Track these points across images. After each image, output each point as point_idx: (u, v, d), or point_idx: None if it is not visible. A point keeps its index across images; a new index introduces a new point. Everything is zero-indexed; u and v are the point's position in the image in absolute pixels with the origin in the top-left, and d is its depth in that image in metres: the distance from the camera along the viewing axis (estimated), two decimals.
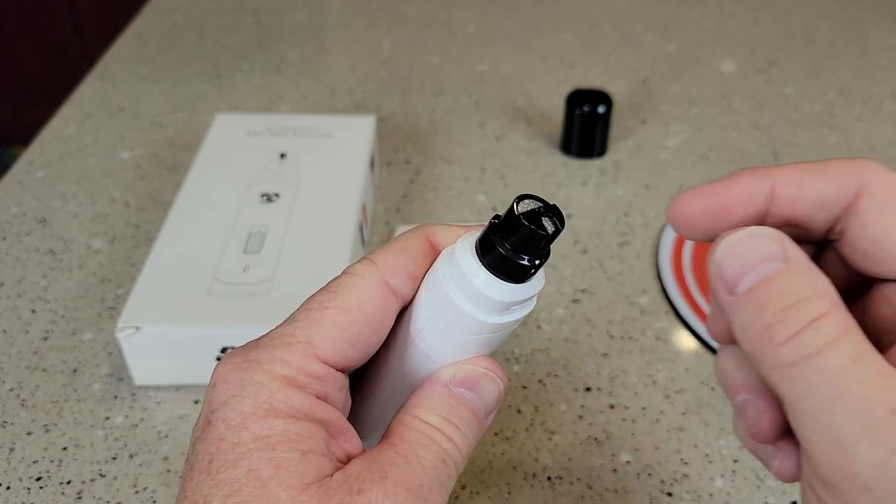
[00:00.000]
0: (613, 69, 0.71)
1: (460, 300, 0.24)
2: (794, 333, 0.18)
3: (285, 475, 0.21)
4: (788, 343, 0.18)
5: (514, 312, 0.24)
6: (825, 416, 0.18)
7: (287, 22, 0.80)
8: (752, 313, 0.19)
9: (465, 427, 0.24)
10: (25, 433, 0.40)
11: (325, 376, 0.23)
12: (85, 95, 0.68)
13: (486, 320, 0.24)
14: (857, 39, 0.76)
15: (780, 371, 0.19)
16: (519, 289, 0.23)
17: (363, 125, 0.54)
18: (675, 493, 0.37)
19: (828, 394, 0.18)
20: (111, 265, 0.50)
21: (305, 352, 0.23)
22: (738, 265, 0.20)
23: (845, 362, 0.18)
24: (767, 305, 0.19)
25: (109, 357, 0.44)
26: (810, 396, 0.18)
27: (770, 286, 0.19)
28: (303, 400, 0.22)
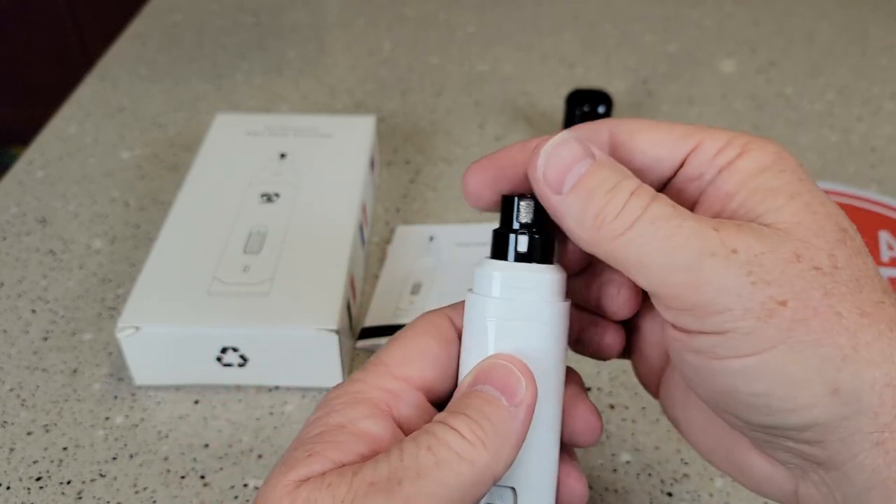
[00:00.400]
0: (613, 69, 0.71)
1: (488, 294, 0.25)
2: (623, 205, 0.22)
3: (285, 470, 0.22)
4: (620, 215, 0.22)
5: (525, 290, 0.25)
6: (670, 251, 0.21)
7: (287, 22, 0.80)
8: (582, 204, 0.23)
9: (476, 413, 0.23)
10: (25, 433, 0.40)
11: (401, 392, 0.25)
12: (85, 95, 0.68)
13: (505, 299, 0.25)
14: (857, 39, 0.76)
15: (620, 239, 0.22)
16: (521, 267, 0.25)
17: (363, 125, 0.54)
18: (675, 493, 0.37)
19: (663, 235, 0.21)
20: (111, 265, 0.50)
21: (380, 371, 0.25)
22: (558, 167, 0.23)
23: (668, 209, 0.22)
24: (594, 193, 0.22)
25: (109, 357, 0.44)
26: (653, 244, 0.22)
27: (591, 178, 0.23)
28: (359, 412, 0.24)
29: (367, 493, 0.21)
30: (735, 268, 0.21)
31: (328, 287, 0.42)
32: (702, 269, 0.21)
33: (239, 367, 0.41)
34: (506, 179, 0.26)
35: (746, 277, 0.21)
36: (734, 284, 0.21)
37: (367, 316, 0.46)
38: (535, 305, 0.25)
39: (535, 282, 0.25)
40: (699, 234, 0.21)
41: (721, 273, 0.21)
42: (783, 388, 0.21)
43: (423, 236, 0.51)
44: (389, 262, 0.50)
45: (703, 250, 0.21)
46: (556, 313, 0.25)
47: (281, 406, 0.41)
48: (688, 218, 0.22)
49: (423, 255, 0.50)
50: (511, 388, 0.24)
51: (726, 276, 0.21)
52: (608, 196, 0.22)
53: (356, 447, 0.23)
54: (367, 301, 0.47)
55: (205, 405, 0.41)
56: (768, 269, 0.21)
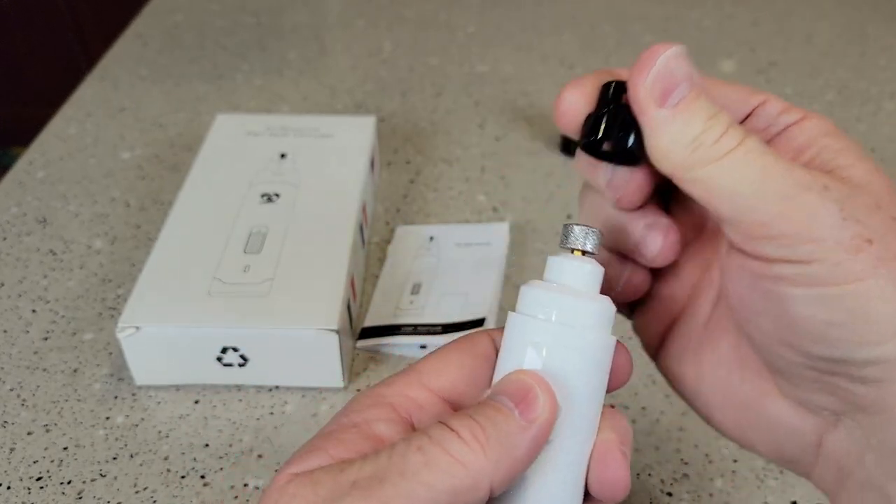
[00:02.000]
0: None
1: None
2: (720, 135, 0.23)
3: (288, 465, 0.22)
4: (718, 143, 0.23)
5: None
6: (765, 181, 0.22)
7: (287, 22, 0.80)
8: (682, 124, 0.23)
9: (483, 419, 0.22)
10: (26, 433, 0.40)
11: (425, 402, 0.24)
12: (85, 96, 0.68)
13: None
14: (857, 40, 0.76)
15: (711, 166, 0.23)
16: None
17: (363, 126, 0.54)
18: (674, 493, 0.37)
19: (761, 165, 0.22)
20: (112, 265, 0.50)
21: (410, 379, 0.25)
22: (668, 80, 0.23)
23: (762, 146, 0.23)
24: (696, 116, 0.23)
25: (110, 357, 0.44)
26: (747, 173, 0.22)
27: (695, 102, 0.23)
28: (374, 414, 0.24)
29: (347, 493, 0.20)
30: (829, 202, 0.22)
31: (328, 287, 0.42)
32: (797, 200, 0.22)
33: (239, 367, 0.41)
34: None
35: (840, 212, 0.22)
36: (828, 216, 0.22)
37: (367, 316, 0.46)
38: (576, 333, 0.24)
39: (583, 310, 0.24)
40: (794, 169, 0.22)
41: (816, 205, 0.22)
42: (860, 322, 0.22)
43: (423, 236, 0.51)
44: (389, 262, 0.50)
45: (799, 183, 0.22)
46: (598, 345, 0.24)
47: (281, 406, 0.41)
48: (780, 157, 0.23)
49: (423, 255, 0.50)
50: (527, 403, 0.23)
51: (821, 208, 0.22)
52: (710, 122, 0.23)
53: (361, 446, 0.23)
54: (367, 301, 0.47)
55: (205, 405, 0.41)
56: (857, 209, 0.22)
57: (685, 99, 0.23)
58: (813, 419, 0.24)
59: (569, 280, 0.24)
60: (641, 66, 0.24)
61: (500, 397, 0.23)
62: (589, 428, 0.24)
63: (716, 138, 0.23)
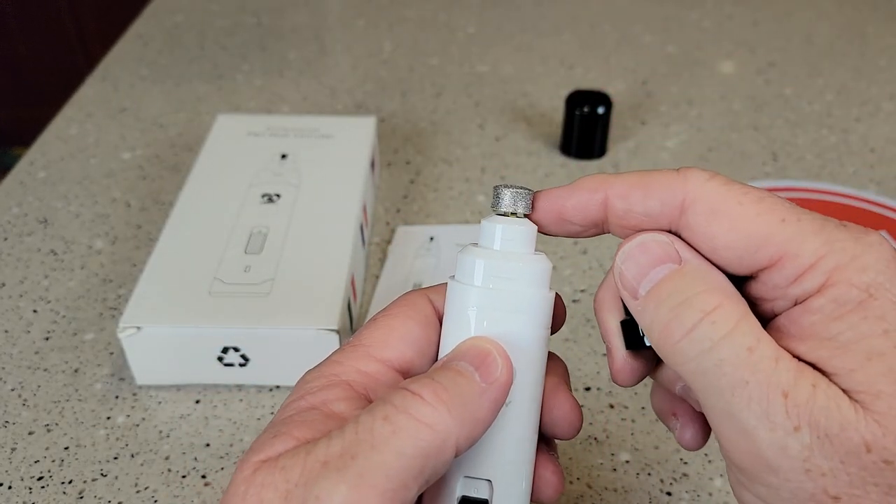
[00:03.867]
0: (613, 70, 0.72)
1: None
2: (689, 329, 0.20)
3: (251, 453, 0.22)
4: (685, 339, 0.20)
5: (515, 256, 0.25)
6: (727, 406, 0.19)
7: (288, 23, 0.80)
8: (652, 313, 0.21)
9: (444, 381, 0.22)
10: (27, 433, 0.40)
11: (378, 374, 0.24)
12: (86, 96, 0.68)
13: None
14: (856, 40, 0.76)
15: (684, 366, 0.20)
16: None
17: (364, 126, 0.54)
18: (674, 493, 0.37)
19: (727, 385, 0.19)
20: (112, 265, 0.50)
21: (359, 353, 0.24)
22: (634, 271, 0.22)
23: (741, 353, 0.19)
24: (662, 304, 0.20)
25: (111, 357, 0.44)
26: (712, 387, 0.20)
27: (664, 286, 0.21)
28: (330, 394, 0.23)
29: (320, 473, 0.20)
30: (792, 451, 0.19)
31: (329, 287, 0.42)
32: (758, 441, 0.19)
33: (240, 366, 0.41)
34: (566, 231, 0.25)
35: (802, 464, 0.19)
36: (786, 468, 0.19)
37: (368, 316, 0.46)
38: (517, 296, 0.24)
39: (518, 272, 0.24)
40: (764, 398, 0.19)
41: (776, 452, 0.19)
42: None
43: (424, 236, 0.51)
44: (390, 262, 0.50)
45: (763, 421, 0.19)
46: (539, 304, 0.24)
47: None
48: (759, 369, 0.19)
49: (424, 255, 0.50)
50: (487, 367, 0.23)
51: (781, 458, 0.19)
52: (675, 312, 0.20)
53: (326, 426, 0.22)
54: (367, 301, 0.47)
55: (206, 405, 0.42)
56: (827, 457, 0.19)
57: (655, 284, 0.21)
58: None
59: (502, 243, 0.25)
60: (615, 258, 0.23)
61: (459, 362, 0.23)
62: (537, 381, 0.25)
63: (683, 332, 0.20)
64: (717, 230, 0.21)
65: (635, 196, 0.23)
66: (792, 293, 0.21)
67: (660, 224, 0.22)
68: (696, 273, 0.21)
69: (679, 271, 0.21)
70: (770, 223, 0.21)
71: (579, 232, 0.24)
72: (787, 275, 0.20)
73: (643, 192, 0.22)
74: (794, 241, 0.20)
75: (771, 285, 0.21)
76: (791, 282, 0.20)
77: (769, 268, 0.21)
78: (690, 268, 0.21)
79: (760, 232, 0.21)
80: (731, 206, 0.21)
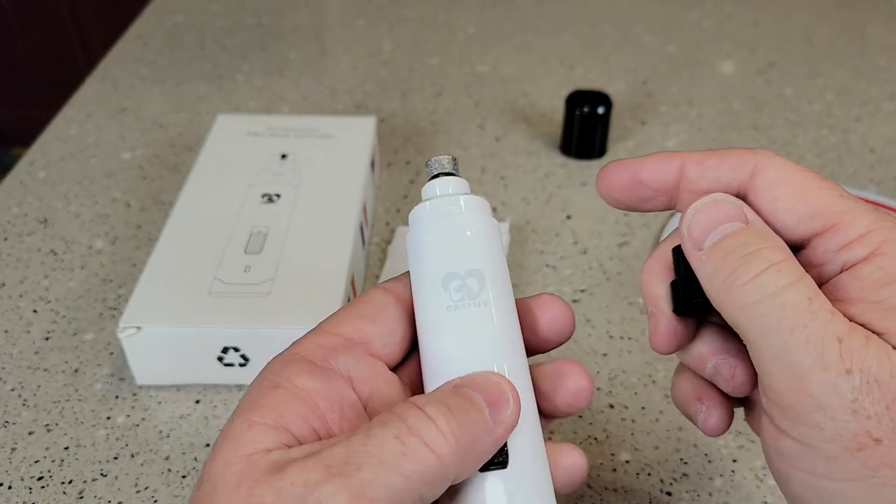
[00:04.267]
0: (613, 70, 0.72)
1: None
2: (756, 274, 0.21)
3: (229, 446, 0.22)
4: (752, 282, 0.21)
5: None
6: (784, 346, 0.21)
7: (288, 23, 0.80)
8: (718, 262, 0.22)
9: (458, 412, 0.22)
10: (27, 433, 0.40)
11: (337, 345, 0.25)
12: (86, 96, 0.68)
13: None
14: (856, 40, 0.76)
15: (744, 310, 0.21)
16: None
17: (364, 126, 0.54)
18: (674, 493, 0.37)
19: (787, 326, 0.21)
20: (112, 265, 0.50)
21: (316, 331, 0.26)
22: (703, 224, 0.23)
23: (802, 300, 0.21)
24: (732, 253, 0.22)
25: (111, 357, 0.44)
26: (771, 328, 0.21)
27: (733, 239, 0.22)
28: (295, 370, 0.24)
29: (323, 477, 0.20)
30: (842, 391, 0.20)
31: (329, 287, 0.42)
32: (809, 380, 0.20)
33: (240, 366, 0.41)
34: (636, 196, 0.26)
35: (850, 405, 0.20)
36: (834, 406, 0.20)
37: None
38: (471, 217, 0.27)
39: (463, 202, 0.27)
40: (821, 341, 0.20)
41: (826, 391, 0.20)
42: None
43: None
44: (390, 262, 0.50)
45: (817, 361, 0.20)
46: (493, 227, 0.27)
47: None
48: (818, 317, 0.21)
49: None
50: (498, 405, 0.23)
51: (830, 396, 0.20)
52: (743, 259, 0.22)
53: (293, 406, 0.23)
54: None
55: (206, 405, 0.42)
56: (875, 401, 0.20)
57: (724, 237, 0.23)
58: None
59: (439, 190, 0.28)
60: (683, 216, 0.24)
61: (474, 393, 0.23)
62: (509, 292, 0.27)
63: (748, 278, 0.21)
64: (780, 193, 0.23)
65: (710, 161, 0.24)
66: (841, 258, 0.22)
67: (729, 189, 0.24)
68: (762, 232, 0.23)
69: (746, 229, 0.22)
70: (830, 196, 0.23)
71: (648, 198, 0.25)
72: (839, 240, 0.22)
73: (717, 159, 0.24)
74: (849, 213, 0.22)
75: (822, 250, 0.23)
76: (841, 247, 0.22)
77: (822, 234, 0.23)
78: (757, 227, 0.23)
79: (820, 200, 0.23)
80: (796, 177, 0.23)
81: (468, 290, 0.26)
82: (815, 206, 0.23)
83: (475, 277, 0.26)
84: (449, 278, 0.26)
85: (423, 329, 0.26)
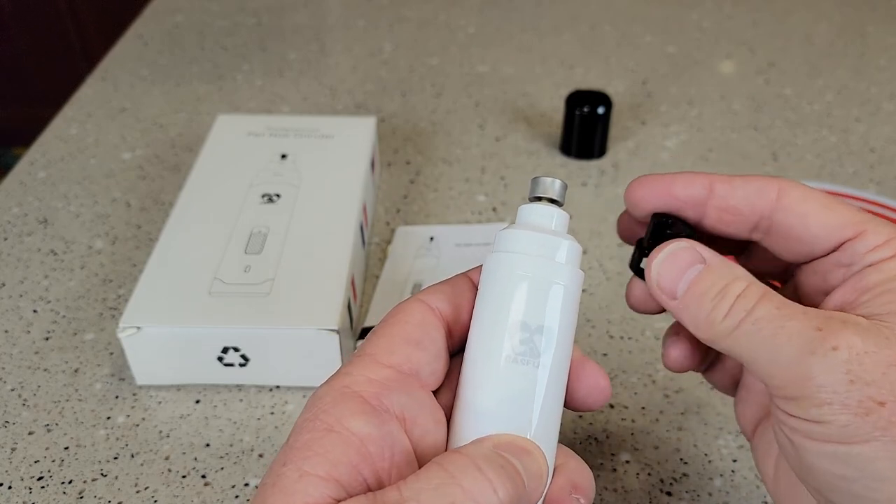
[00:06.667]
0: (613, 70, 0.72)
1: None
2: (729, 308, 0.24)
3: (279, 496, 0.22)
4: (728, 316, 0.24)
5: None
6: (772, 350, 0.23)
7: (288, 23, 0.80)
8: (695, 308, 0.25)
9: (506, 478, 0.23)
10: (27, 433, 0.40)
11: (390, 380, 0.25)
12: (86, 96, 0.68)
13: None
14: (856, 40, 0.76)
15: (729, 338, 0.24)
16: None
17: (364, 126, 0.54)
18: (674, 493, 0.37)
19: (768, 335, 0.23)
20: (112, 265, 0.50)
21: (366, 362, 0.25)
22: (670, 275, 0.26)
23: (772, 311, 0.24)
24: (704, 298, 0.25)
25: (111, 357, 0.44)
26: (758, 342, 0.24)
27: (700, 284, 0.25)
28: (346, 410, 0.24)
29: None
30: (835, 364, 0.22)
31: (329, 287, 0.42)
32: (801, 366, 0.23)
33: (240, 366, 0.41)
34: (666, 203, 0.28)
35: (845, 376, 0.22)
36: (832, 381, 0.22)
37: (368, 316, 0.46)
38: (561, 269, 0.26)
39: (561, 247, 0.26)
40: (800, 334, 0.23)
41: (821, 370, 0.22)
42: (869, 479, 0.22)
43: (424, 236, 0.51)
44: (390, 262, 0.50)
45: (804, 349, 0.23)
46: (577, 279, 0.26)
47: (282, 406, 0.41)
48: (791, 318, 0.23)
49: (424, 255, 0.50)
50: (537, 484, 0.25)
51: (826, 374, 0.22)
52: (716, 300, 0.25)
53: (346, 456, 0.22)
54: (367, 301, 0.47)
55: (206, 405, 0.42)
56: (868, 370, 0.22)
57: (692, 283, 0.25)
58: None
59: (543, 222, 0.27)
60: (647, 271, 0.26)
61: (519, 465, 0.24)
62: (570, 353, 0.27)
63: (724, 313, 0.24)
64: (810, 209, 0.26)
65: (737, 182, 0.27)
66: (868, 258, 0.25)
67: (755, 208, 0.27)
68: (721, 267, 0.25)
69: (708, 269, 0.25)
70: (852, 210, 0.26)
71: (677, 208, 0.28)
72: (869, 244, 0.25)
73: (743, 181, 0.27)
74: (871, 223, 0.26)
75: (851, 252, 0.25)
76: (869, 249, 0.25)
77: (854, 239, 0.25)
78: (715, 263, 0.25)
79: (847, 213, 0.26)
80: (819, 196, 0.26)
81: (532, 346, 0.25)
82: (845, 217, 0.26)
83: (544, 335, 0.25)
84: (517, 327, 0.25)
85: (472, 367, 0.26)
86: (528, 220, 0.27)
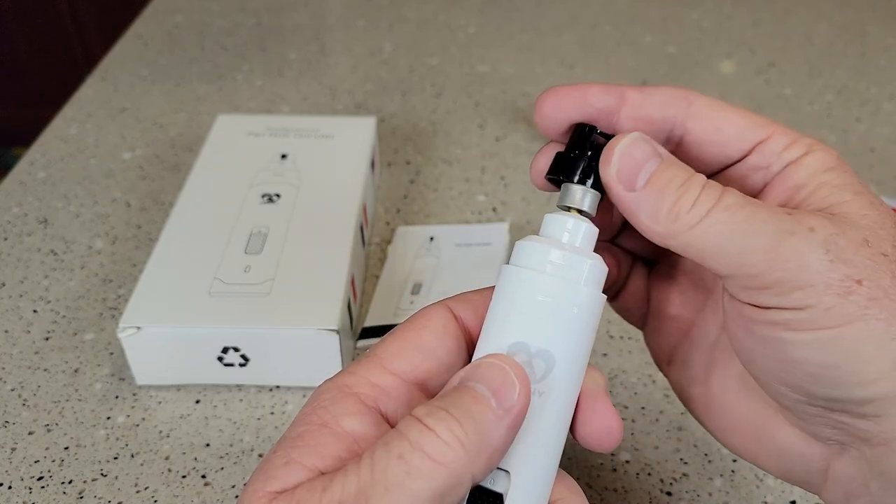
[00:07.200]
0: (613, 70, 0.72)
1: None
2: (696, 198, 0.23)
3: (261, 478, 0.22)
4: (695, 206, 0.23)
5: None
6: (748, 234, 0.22)
7: (288, 23, 0.80)
8: (655, 199, 0.24)
9: (459, 412, 0.21)
10: (27, 433, 0.40)
11: (389, 387, 0.24)
12: (86, 96, 0.68)
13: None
14: (856, 40, 0.76)
15: (693, 231, 0.23)
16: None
17: (364, 126, 0.54)
18: (674, 493, 0.37)
19: (742, 218, 0.23)
20: (112, 265, 0.50)
21: (372, 364, 0.25)
22: (630, 166, 0.24)
23: (740, 198, 0.23)
24: (667, 188, 0.24)
25: (111, 357, 0.44)
26: (730, 229, 0.23)
27: (663, 174, 0.24)
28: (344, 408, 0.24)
29: None
30: (814, 245, 0.22)
31: (329, 287, 0.42)
32: (781, 248, 0.22)
33: (240, 366, 0.41)
34: (580, 112, 0.26)
35: (825, 255, 0.22)
36: (814, 260, 0.22)
37: (368, 316, 0.46)
38: (579, 290, 0.24)
39: (582, 267, 0.24)
40: (775, 216, 0.23)
41: (801, 250, 0.22)
42: (853, 362, 0.22)
43: (424, 236, 0.51)
44: (390, 262, 0.50)
45: (782, 230, 0.22)
46: (597, 302, 0.24)
47: (282, 406, 0.42)
48: (760, 205, 0.23)
49: (424, 255, 0.50)
50: (504, 392, 0.22)
51: (806, 253, 0.22)
52: (681, 189, 0.23)
53: (335, 450, 0.22)
54: (367, 301, 0.47)
55: (206, 405, 0.42)
56: (843, 249, 0.22)
57: (654, 174, 0.24)
58: (819, 447, 0.25)
59: (566, 237, 0.25)
60: (605, 159, 0.25)
61: (476, 385, 0.22)
62: (578, 383, 0.24)
63: (691, 203, 0.23)
64: (721, 114, 0.26)
65: (649, 90, 0.26)
66: (786, 157, 0.25)
67: (668, 115, 0.26)
68: (677, 162, 0.24)
69: (667, 163, 0.24)
70: (758, 115, 0.26)
71: (591, 119, 0.26)
72: (782, 142, 0.25)
73: (655, 90, 0.26)
74: (777, 125, 0.26)
75: (767, 153, 0.25)
76: (784, 148, 0.25)
77: (767, 139, 0.25)
78: (672, 160, 0.24)
79: (754, 117, 0.26)
80: (725, 104, 0.26)
81: (530, 371, 0.23)
82: (754, 120, 0.26)
83: (544, 360, 0.23)
84: (517, 347, 0.23)
85: None
86: (551, 232, 0.25)
